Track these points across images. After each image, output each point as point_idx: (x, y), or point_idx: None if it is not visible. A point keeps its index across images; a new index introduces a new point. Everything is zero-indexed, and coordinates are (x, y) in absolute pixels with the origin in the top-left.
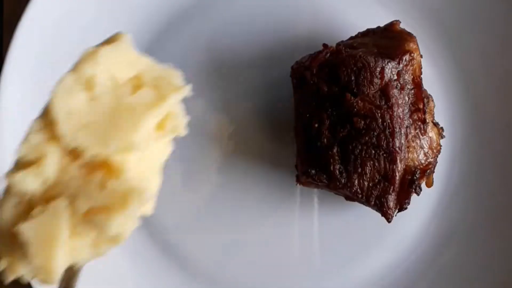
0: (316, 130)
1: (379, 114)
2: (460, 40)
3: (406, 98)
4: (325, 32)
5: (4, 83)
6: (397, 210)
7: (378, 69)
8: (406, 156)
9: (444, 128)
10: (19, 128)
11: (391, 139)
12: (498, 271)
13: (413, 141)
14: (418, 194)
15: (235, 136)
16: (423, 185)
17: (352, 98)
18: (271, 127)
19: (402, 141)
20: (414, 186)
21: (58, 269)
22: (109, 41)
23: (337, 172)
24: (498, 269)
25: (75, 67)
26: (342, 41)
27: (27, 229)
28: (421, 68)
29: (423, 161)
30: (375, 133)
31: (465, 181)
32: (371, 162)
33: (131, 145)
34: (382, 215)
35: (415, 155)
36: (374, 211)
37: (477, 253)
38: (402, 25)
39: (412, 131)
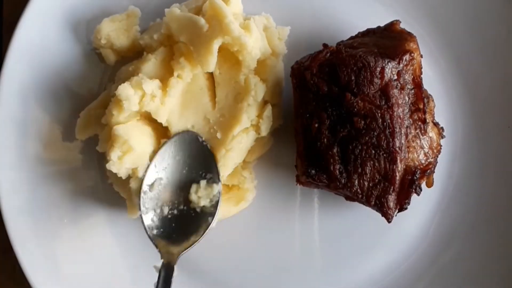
0: (316, 130)
1: (379, 114)
2: (460, 40)
3: (406, 98)
4: (325, 32)
5: (4, 83)
6: (397, 210)
7: (378, 69)
8: (406, 156)
9: (444, 128)
10: (19, 127)
11: (391, 139)
12: (498, 271)
13: (413, 141)
14: (418, 194)
15: None
16: (423, 185)
17: (352, 98)
18: (271, 127)
19: (402, 141)
20: (414, 186)
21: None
22: None
23: (337, 172)
24: (498, 269)
25: None
26: (342, 41)
27: None
28: (421, 68)
29: (423, 161)
30: (375, 133)
31: (465, 181)
32: (371, 162)
33: None
34: (382, 215)
35: (415, 155)
36: (374, 211)
37: (478, 253)
38: (402, 25)
39: (412, 131)
